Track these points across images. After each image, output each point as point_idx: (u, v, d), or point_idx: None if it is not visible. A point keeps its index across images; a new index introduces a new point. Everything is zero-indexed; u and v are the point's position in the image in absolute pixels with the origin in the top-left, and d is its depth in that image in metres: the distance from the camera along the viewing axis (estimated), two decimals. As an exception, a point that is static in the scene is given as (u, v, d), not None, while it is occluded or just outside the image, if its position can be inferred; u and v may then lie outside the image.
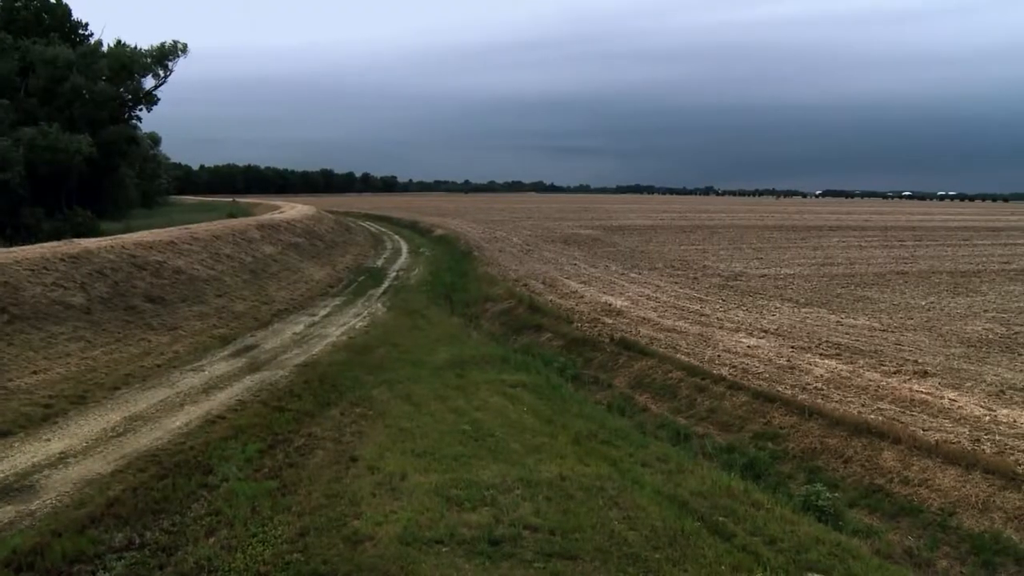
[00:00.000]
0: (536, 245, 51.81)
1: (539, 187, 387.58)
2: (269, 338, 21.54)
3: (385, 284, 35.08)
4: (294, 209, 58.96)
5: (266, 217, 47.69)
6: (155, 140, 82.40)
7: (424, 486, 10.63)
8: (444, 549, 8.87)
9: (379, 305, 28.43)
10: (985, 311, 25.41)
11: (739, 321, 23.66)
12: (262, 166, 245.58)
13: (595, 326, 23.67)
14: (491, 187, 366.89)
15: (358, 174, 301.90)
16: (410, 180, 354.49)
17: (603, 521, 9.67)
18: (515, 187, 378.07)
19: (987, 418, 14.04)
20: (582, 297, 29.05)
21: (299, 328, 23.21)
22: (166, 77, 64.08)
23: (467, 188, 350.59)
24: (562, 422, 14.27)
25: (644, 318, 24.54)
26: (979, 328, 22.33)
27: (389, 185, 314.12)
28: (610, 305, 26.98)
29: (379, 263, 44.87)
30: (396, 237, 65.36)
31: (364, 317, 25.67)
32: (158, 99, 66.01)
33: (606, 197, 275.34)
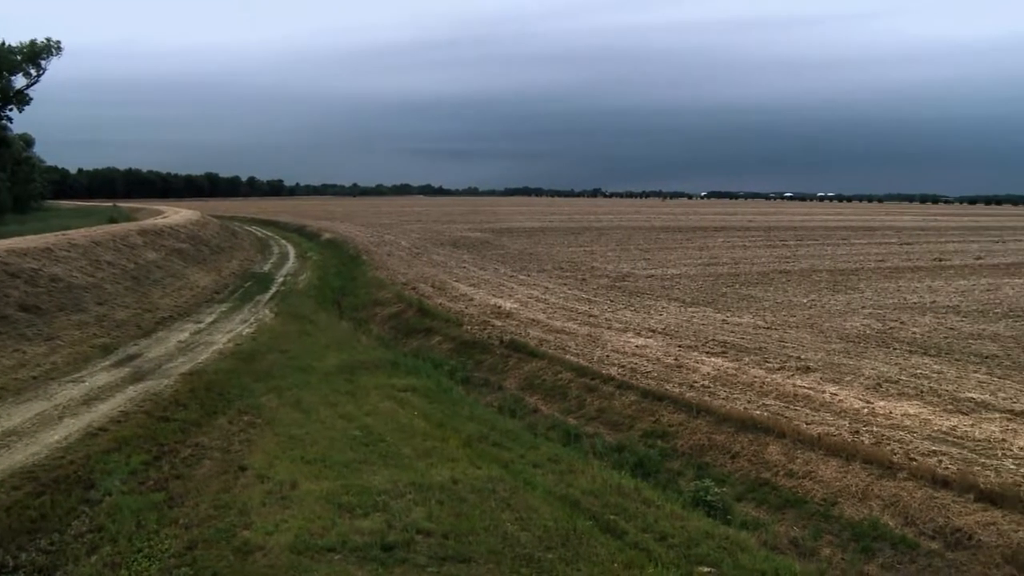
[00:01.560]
0: (425, 248, 51.92)
1: (427, 190, 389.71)
2: (153, 347, 20.94)
3: (272, 289, 34.59)
4: (178, 214, 57.37)
5: (149, 222, 46.26)
6: (28, 142, 78.66)
7: (315, 493, 10.56)
8: (336, 557, 8.84)
9: (267, 311, 27.98)
10: (863, 308, 26.62)
11: (627, 321, 24.16)
12: (144, 169, 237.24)
13: (485, 328, 23.85)
14: (379, 190, 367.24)
15: (244, 178, 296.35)
16: (297, 184, 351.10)
17: (496, 523, 9.79)
18: (403, 190, 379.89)
19: (865, 410, 14.75)
20: (471, 300, 29.21)
21: (184, 336, 22.63)
22: (39, 76, 61.80)
23: (355, 191, 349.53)
24: (453, 425, 14.37)
25: (534, 320, 24.83)
26: (857, 324, 23.38)
27: (276, 189, 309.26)
28: (500, 307, 27.22)
29: (266, 268, 44.27)
30: (283, 242, 64.53)
31: (251, 323, 25.24)
32: (30, 99, 63.60)
33: (495, 199, 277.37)
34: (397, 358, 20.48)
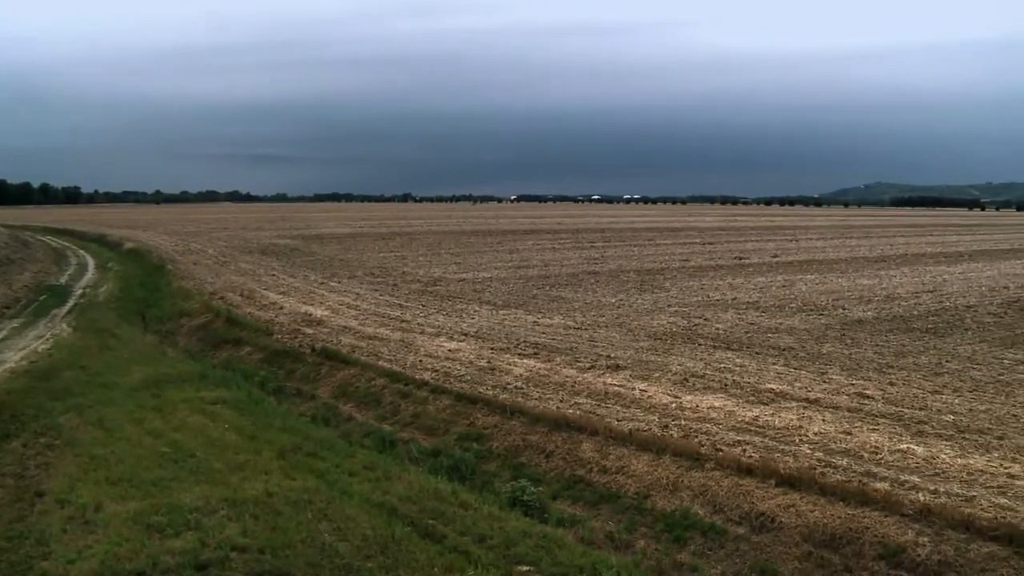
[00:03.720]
0: (233, 256, 50.79)
1: (235, 196, 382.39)
2: (-67, 369, 19.47)
3: (70, 303, 32.96)
4: (-41, 224, 53.59)
5: (-80, 234, 43.00)
6: None
7: (121, 515, 10.14)
8: (147, 580, 8.52)
9: (64, 325, 26.58)
10: (669, 306, 27.87)
11: (440, 326, 24.34)
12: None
13: (296, 337, 23.56)
14: (184, 197, 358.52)
15: (36, 184, 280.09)
16: (96, 191, 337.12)
17: (313, 535, 9.68)
18: (210, 197, 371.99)
19: (674, 405, 15.47)
20: (282, 308, 28.77)
21: (-30, 355, 21.17)
22: None
23: (159, 199, 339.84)
24: (266, 437, 14.13)
25: (346, 327, 24.65)
26: (664, 322, 24.47)
27: (72, 196, 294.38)
28: (311, 315, 26.94)
29: (63, 280, 42.20)
30: (82, 252, 61.53)
31: (47, 339, 23.97)
32: None
33: (304, 206, 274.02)
34: (206, 370, 19.97)
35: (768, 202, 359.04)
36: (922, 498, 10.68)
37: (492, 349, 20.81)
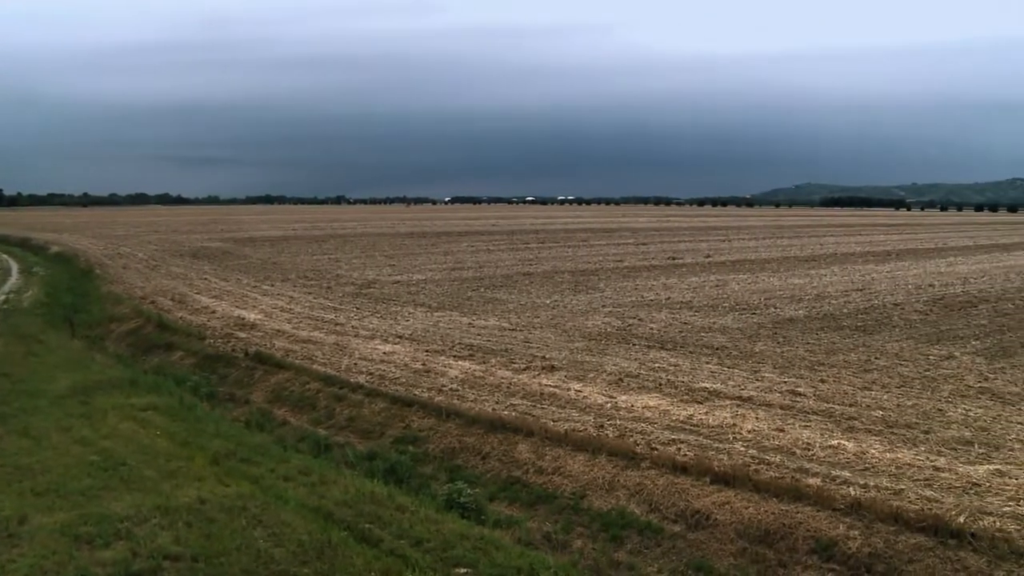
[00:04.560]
0: (164, 260, 50.06)
1: (166, 199, 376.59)
2: None
3: (-7, 309, 31.93)
4: None
5: None
6: None
7: (48, 527, 9.90)
8: (74, 593, 8.36)
9: (-14, 333, 25.79)
10: (603, 306, 28.12)
11: (374, 328, 24.25)
12: None
13: (229, 341, 23.32)
14: (113, 200, 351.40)
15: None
16: (19, 193, 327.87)
17: (248, 541, 9.59)
18: (140, 200, 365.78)
19: (609, 405, 15.63)
20: (214, 312, 28.44)
21: None
22: None
23: (86, 201, 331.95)
24: (199, 443, 13.93)
25: (279, 330, 24.45)
26: (599, 322, 24.69)
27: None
28: (243, 319, 26.68)
29: (-16, 286, 40.83)
30: (4, 256, 59.98)
31: (-34, 347, 23.17)
32: None
33: (236, 208, 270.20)
34: (136, 376, 19.60)
35: (701, 203, 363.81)
36: (853, 492, 10.97)
37: (427, 351, 20.80)
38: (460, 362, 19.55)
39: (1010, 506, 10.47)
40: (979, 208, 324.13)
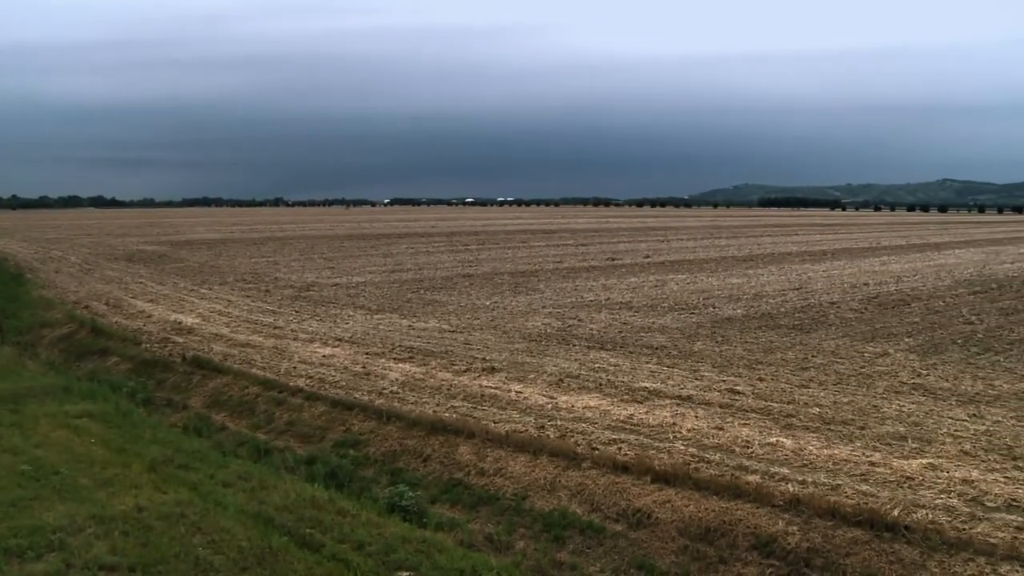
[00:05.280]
0: (98, 264, 49.20)
1: (99, 202, 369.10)
2: None
3: (-86, 316, 31.02)
4: None
5: None
6: None
7: (-24, 541, 9.65)
8: (3, 609, 8.19)
9: (-94, 341, 25.10)
10: (543, 307, 28.27)
11: (314, 331, 24.11)
12: None
13: (166, 346, 23.03)
14: (44, 202, 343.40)
15: None
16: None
17: (187, 549, 9.47)
18: (72, 202, 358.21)
19: (549, 406, 15.74)
20: (150, 316, 28.08)
21: None
22: None
23: (15, 203, 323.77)
24: (135, 450, 13.71)
25: (217, 334, 24.19)
26: (539, 323, 24.82)
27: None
28: (181, 323, 26.36)
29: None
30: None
31: None
32: None
33: (172, 211, 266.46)
34: (70, 383, 19.20)
35: (640, 203, 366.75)
36: (791, 489, 11.19)
37: (367, 354, 20.74)
38: (400, 364, 19.53)
39: (942, 498, 10.78)
40: (911, 208, 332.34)
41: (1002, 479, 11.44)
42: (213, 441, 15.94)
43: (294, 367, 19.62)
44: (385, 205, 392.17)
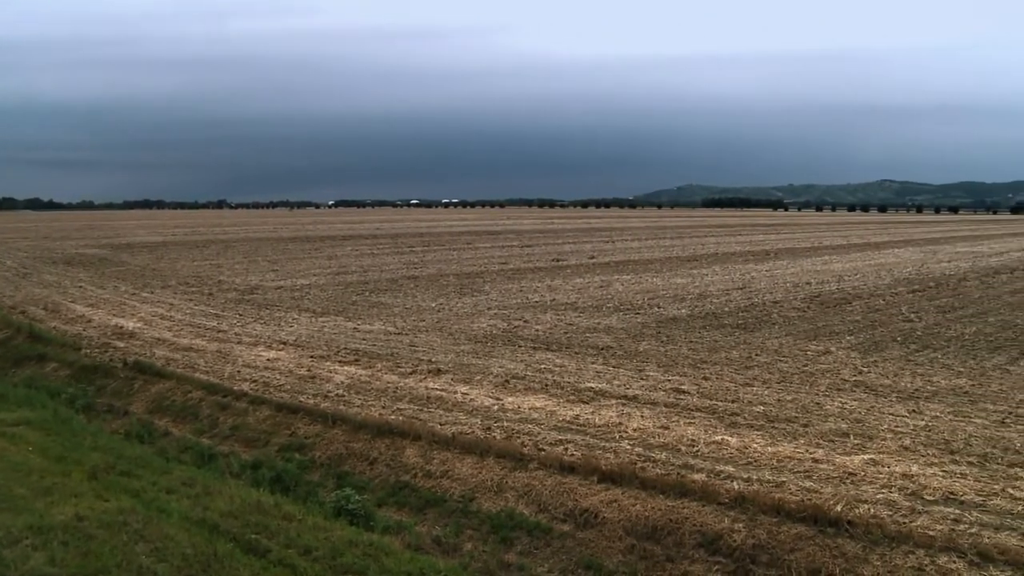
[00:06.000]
0: (35, 268, 48.31)
1: (36, 204, 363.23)
2: None
3: None
4: None
5: None
6: None
7: (-95, 556, 9.41)
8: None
9: None
10: (489, 309, 28.32)
11: (258, 335, 23.90)
12: None
13: (106, 351, 22.66)
14: None
15: None
16: None
17: (129, 558, 9.32)
18: (7, 204, 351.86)
19: (496, 407, 15.79)
20: (90, 321, 27.58)
21: None
22: None
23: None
24: (75, 457, 13.45)
25: (159, 339, 23.86)
26: (484, 325, 24.86)
27: None
28: (122, 328, 25.95)
29: None
30: None
31: None
32: None
33: (113, 213, 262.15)
34: (5, 390, 18.84)
35: (585, 204, 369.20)
36: (736, 486, 11.36)
37: (312, 357, 20.62)
38: (346, 367, 19.45)
39: (883, 493, 11.04)
40: (851, 208, 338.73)
41: (940, 473, 11.74)
42: (156, 447, 15.73)
43: (238, 371, 19.43)
44: (329, 207, 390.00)
